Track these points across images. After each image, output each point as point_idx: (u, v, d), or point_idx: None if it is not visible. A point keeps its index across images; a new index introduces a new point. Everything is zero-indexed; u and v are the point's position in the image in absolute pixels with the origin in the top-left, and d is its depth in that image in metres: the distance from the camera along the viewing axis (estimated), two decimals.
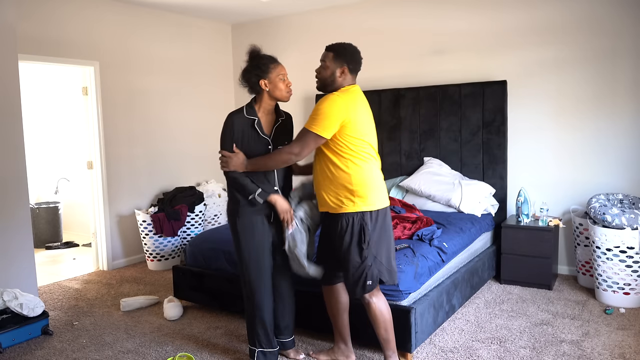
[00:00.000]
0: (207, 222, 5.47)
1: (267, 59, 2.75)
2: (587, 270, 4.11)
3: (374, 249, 2.58)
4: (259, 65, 2.72)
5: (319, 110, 2.51)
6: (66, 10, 4.66)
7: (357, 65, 2.65)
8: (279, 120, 2.84)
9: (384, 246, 2.62)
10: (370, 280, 2.59)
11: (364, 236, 2.56)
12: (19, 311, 3.33)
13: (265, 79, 2.70)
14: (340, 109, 2.49)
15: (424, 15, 4.94)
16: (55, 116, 6.61)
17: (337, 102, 2.50)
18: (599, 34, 4.19)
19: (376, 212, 2.59)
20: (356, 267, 2.59)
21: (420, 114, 4.88)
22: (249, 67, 2.75)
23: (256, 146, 2.74)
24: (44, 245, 6.09)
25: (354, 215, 2.57)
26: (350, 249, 2.59)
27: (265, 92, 2.73)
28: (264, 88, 2.71)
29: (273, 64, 2.74)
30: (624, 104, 4.16)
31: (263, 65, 2.72)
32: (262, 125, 2.76)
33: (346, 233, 2.58)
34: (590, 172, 4.33)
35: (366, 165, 2.59)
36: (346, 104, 2.51)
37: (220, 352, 3.15)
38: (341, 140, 2.54)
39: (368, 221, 2.57)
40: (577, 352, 3.00)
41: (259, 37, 6.09)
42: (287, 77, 2.75)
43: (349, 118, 2.50)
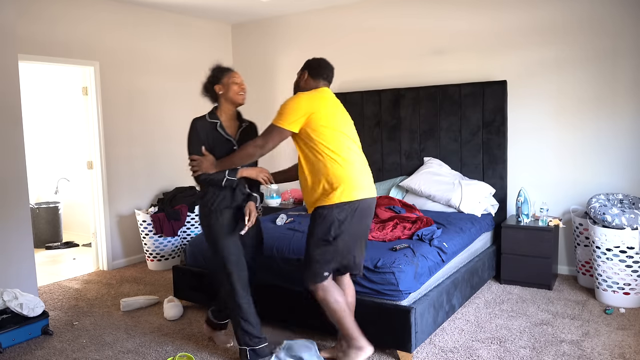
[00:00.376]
0: None
1: (222, 69, 2.97)
2: (587, 270, 4.12)
3: (339, 241, 2.65)
4: (214, 74, 2.95)
5: (283, 106, 2.69)
6: (66, 10, 4.66)
7: (317, 69, 2.82)
8: (242, 125, 3.01)
9: (352, 238, 2.69)
10: (327, 271, 2.69)
11: (331, 228, 2.64)
12: (19, 311, 3.33)
13: (219, 83, 2.91)
14: (303, 103, 2.65)
15: (424, 15, 4.95)
16: (55, 116, 6.61)
17: (301, 97, 2.68)
18: (600, 34, 4.19)
19: (353, 203, 2.64)
20: (316, 257, 2.68)
21: (420, 114, 4.89)
22: (206, 79, 2.98)
23: (222, 148, 2.88)
24: (44, 245, 6.09)
25: (329, 207, 2.64)
26: (314, 239, 2.68)
27: (221, 95, 2.92)
28: (219, 92, 2.92)
29: (226, 71, 2.95)
30: (624, 104, 4.16)
31: (216, 73, 2.95)
32: (224, 127, 2.91)
33: (316, 224, 2.68)
34: (590, 172, 4.33)
35: (341, 158, 2.66)
36: (310, 99, 2.67)
37: (220, 352, 3.15)
38: (313, 134, 2.65)
39: (339, 213, 2.63)
40: (577, 352, 3.01)
41: (258, 37, 6.09)
42: (240, 81, 2.94)
43: (315, 110, 2.64)
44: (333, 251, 2.67)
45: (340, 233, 2.65)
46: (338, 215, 2.64)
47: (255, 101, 6.24)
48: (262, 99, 6.08)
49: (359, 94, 5.20)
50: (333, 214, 2.64)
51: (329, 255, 2.68)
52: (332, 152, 2.65)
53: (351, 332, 2.77)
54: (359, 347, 2.78)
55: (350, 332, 2.77)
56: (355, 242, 2.75)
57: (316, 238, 2.69)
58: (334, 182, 2.64)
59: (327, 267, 2.70)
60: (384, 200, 4.34)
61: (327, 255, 2.68)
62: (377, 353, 3.05)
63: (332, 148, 2.65)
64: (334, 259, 2.70)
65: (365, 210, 2.72)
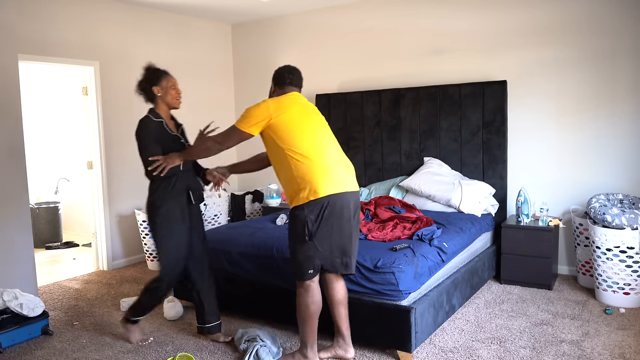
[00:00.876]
0: (207, 222, 5.47)
1: (159, 71, 3.12)
2: (587, 270, 4.12)
3: (316, 240, 2.70)
4: (151, 75, 3.10)
5: (247, 109, 2.82)
6: (66, 10, 4.66)
7: (279, 78, 2.96)
8: (180, 124, 3.25)
9: (330, 236, 2.73)
10: (311, 269, 2.74)
11: (306, 227, 2.70)
12: (19, 311, 3.33)
13: (157, 85, 3.07)
14: (263, 109, 2.76)
15: (424, 15, 4.95)
16: (55, 116, 6.61)
17: (263, 103, 2.79)
18: (599, 34, 4.19)
19: (322, 200, 2.68)
20: (298, 256, 2.76)
21: (420, 114, 4.89)
22: (143, 78, 3.12)
23: (171, 146, 3.06)
24: (44, 245, 6.09)
25: (300, 207, 2.72)
26: (294, 237, 2.77)
27: (158, 97, 3.09)
28: (157, 94, 3.08)
29: (164, 75, 3.12)
30: (624, 104, 4.16)
31: (155, 75, 3.10)
32: (169, 126, 3.10)
33: (293, 224, 2.77)
34: (590, 172, 4.33)
35: (306, 158, 2.72)
36: (272, 105, 2.77)
37: (220, 352, 3.15)
38: (277, 138, 2.75)
39: (311, 212, 2.69)
40: (577, 352, 3.01)
41: (258, 37, 6.09)
42: (177, 86, 3.14)
43: (276, 115, 2.74)
44: (313, 249, 2.72)
45: (315, 231, 2.70)
46: (309, 214, 2.69)
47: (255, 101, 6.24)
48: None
49: (359, 94, 5.20)
50: (304, 214, 2.70)
51: (310, 252, 2.73)
52: (296, 154, 2.72)
53: (306, 338, 2.85)
54: (305, 355, 2.86)
55: (305, 337, 2.85)
56: (338, 239, 2.75)
57: (294, 238, 2.78)
58: (300, 183, 2.71)
59: (310, 265, 2.75)
60: (384, 200, 4.35)
61: (308, 252, 2.73)
62: (377, 353, 3.05)
63: (295, 149, 2.72)
64: (316, 257, 2.74)
65: (338, 205, 2.72)
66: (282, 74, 2.97)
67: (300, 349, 2.89)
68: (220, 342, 3.26)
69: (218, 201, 5.54)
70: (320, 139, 2.81)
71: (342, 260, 2.80)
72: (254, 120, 2.77)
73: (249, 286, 3.51)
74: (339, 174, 2.77)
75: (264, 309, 3.48)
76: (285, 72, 2.97)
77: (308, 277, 2.76)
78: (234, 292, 3.59)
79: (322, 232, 2.71)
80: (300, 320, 2.84)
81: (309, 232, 2.70)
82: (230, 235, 3.74)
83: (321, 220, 2.70)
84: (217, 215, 5.54)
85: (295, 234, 2.76)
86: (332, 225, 2.72)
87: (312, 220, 2.69)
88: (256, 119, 2.76)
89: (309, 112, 2.88)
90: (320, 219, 2.70)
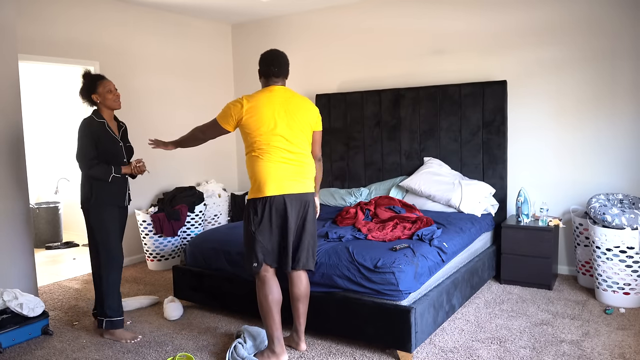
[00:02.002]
0: (207, 222, 5.48)
1: (94, 78, 3.34)
2: (587, 270, 4.12)
3: (259, 234, 2.83)
4: (87, 84, 3.32)
5: (226, 105, 2.91)
6: (66, 10, 4.66)
7: (264, 68, 2.93)
8: (122, 125, 3.47)
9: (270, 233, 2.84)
10: (255, 262, 2.85)
11: (251, 220, 2.84)
12: (19, 311, 3.33)
13: (95, 93, 3.30)
14: (238, 109, 2.83)
15: (424, 15, 4.95)
16: (55, 116, 6.61)
17: (237, 103, 2.85)
18: (598, 35, 4.19)
19: (265, 199, 2.81)
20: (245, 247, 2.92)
21: (420, 114, 4.89)
22: (81, 87, 3.34)
23: (110, 146, 3.31)
24: (44, 245, 6.10)
25: (250, 201, 2.88)
26: (244, 230, 2.91)
27: (99, 103, 3.32)
28: (96, 100, 3.31)
29: (99, 80, 3.33)
30: (624, 104, 4.16)
31: (91, 83, 3.32)
32: (111, 127, 3.34)
33: (245, 216, 2.92)
34: (590, 172, 4.33)
35: (261, 157, 2.82)
36: (244, 106, 2.82)
37: (220, 352, 3.15)
38: (243, 134, 2.89)
39: (256, 207, 2.83)
40: (577, 352, 3.01)
41: (258, 37, 6.09)
42: (114, 88, 3.34)
43: (245, 117, 2.81)
44: (256, 243, 2.84)
45: (257, 226, 2.83)
46: (253, 210, 2.84)
47: None
48: None
49: (359, 94, 5.20)
50: (249, 208, 2.87)
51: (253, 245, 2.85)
52: (255, 150, 2.84)
53: (270, 332, 2.90)
54: (273, 351, 2.90)
55: (269, 331, 2.90)
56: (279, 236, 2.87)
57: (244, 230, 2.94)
58: (252, 177, 2.86)
59: (253, 258, 2.85)
60: (384, 200, 4.35)
61: (252, 245, 2.85)
62: (377, 353, 3.06)
63: (255, 147, 2.84)
64: (259, 251, 2.84)
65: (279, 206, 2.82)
66: (268, 64, 2.92)
67: (269, 345, 2.94)
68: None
69: (218, 201, 5.54)
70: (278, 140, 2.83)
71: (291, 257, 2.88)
72: (227, 115, 2.87)
73: (248, 286, 3.51)
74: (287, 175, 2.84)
75: None
76: (271, 61, 2.92)
77: (253, 270, 2.87)
78: (234, 292, 3.59)
79: (264, 228, 2.83)
80: (262, 314, 2.91)
81: (253, 226, 2.83)
82: (230, 235, 3.74)
83: (262, 218, 2.82)
84: (217, 215, 5.54)
85: (244, 226, 2.92)
86: (272, 224, 2.83)
87: (257, 216, 2.82)
88: (231, 118, 2.86)
89: (282, 111, 2.85)
90: (261, 217, 2.82)
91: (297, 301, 2.99)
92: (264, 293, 2.87)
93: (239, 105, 2.84)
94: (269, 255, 2.87)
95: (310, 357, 3.02)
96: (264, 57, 2.95)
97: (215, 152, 6.02)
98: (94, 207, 3.29)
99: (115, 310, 3.34)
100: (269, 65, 2.92)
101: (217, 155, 6.07)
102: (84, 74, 3.37)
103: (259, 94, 2.89)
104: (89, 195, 3.29)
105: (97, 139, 3.26)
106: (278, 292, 2.89)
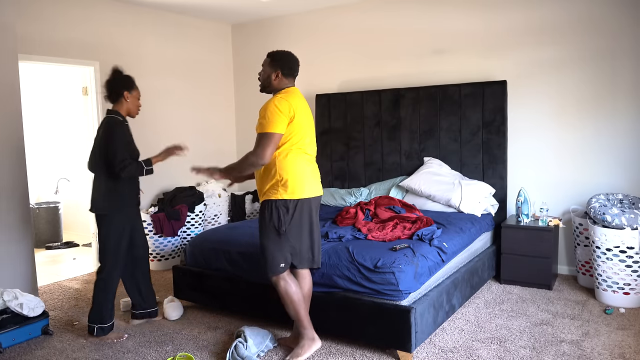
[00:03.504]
0: (207, 222, 5.48)
1: (131, 79, 3.36)
2: (587, 270, 4.12)
3: (290, 235, 2.82)
4: (127, 79, 3.33)
5: (265, 114, 2.76)
6: (66, 10, 4.66)
7: (290, 70, 2.91)
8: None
9: (301, 233, 2.86)
10: (282, 263, 2.84)
11: (280, 222, 2.80)
12: (19, 311, 3.33)
13: (130, 93, 3.32)
14: (284, 107, 2.75)
15: (424, 15, 4.95)
16: (55, 116, 6.61)
17: (281, 102, 2.77)
18: (598, 35, 4.19)
19: (296, 201, 2.81)
20: (270, 249, 2.84)
21: (420, 114, 4.89)
22: (119, 80, 3.32)
23: (135, 146, 3.38)
24: (44, 245, 6.10)
25: (275, 202, 2.81)
26: (267, 233, 2.85)
27: (125, 103, 3.31)
28: (125, 99, 3.30)
29: (135, 85, 3.37)
30: (624, 104, 4.16)
31: (130, 81, 3.34)
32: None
33: (265, 218, 2.85)
34: (590, 172, 4.33)
35: (295, 157, 2.81)
36: (290, 104, 2.77)
37: (220, 352, 3.15)
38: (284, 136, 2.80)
39: (287, 208, 2.80)
40: (577, 352, 3.01)
41: (259, 37, 6.09)
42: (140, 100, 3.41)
43: (295, 116, 2.77)
44: (285, 243, 2.84)
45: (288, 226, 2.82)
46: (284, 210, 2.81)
47: (254, 101, 6.25)
48: (261, 100, 6.09)
49: (359, 94, 5.20)
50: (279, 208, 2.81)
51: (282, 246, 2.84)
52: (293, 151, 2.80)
53: (306, 323, 2.94)
54: (312, 337, 2.95)
55: (305, 322, 2.93)
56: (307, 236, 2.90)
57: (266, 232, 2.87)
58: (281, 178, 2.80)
59: (282, 259, 2.85)
60: (384, 200, 4.35)
61: (280, 246, 2.84)
62: (377, 353, 3.06)
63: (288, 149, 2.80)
64: (287, 251, 2.85)
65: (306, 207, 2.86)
66: (293, 66, 2.92)
67: (306, 334, 2.96)
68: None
69: (218, 201, 5.54)
70: (312, 142, 2.94)
71: (309, 255, 2.93)
72: (284, 118, 2.75)
73: (249, 286, 3.51)
74: (315, 177, 2.92)
75: (264, 309, 3.48)
76: (295, 64, 2.94)
77: (279, 270, 2.85)
78: (234, 292, 3.59)
79: (294, 229, 2.83)
80: (293, 309, 2.91)
81: (284, 226, 2.81)
82: (230, 235, 3.74)
83: (292, 218, 2.81)
84: (217, 215, 5.54)
85: (268, 227, 2.85)
86: (302, 224, 2.85)
87: (288, 216, 2.81)
88: (285, 117, 2.75)
89: (308, 112, 2.94)
90: (292, 217, 2.81)
91: (307, 298, 3.04)
92: (293, 289, 2.89)
93: (286, 103, 2.76)
94: (296, 255, 2.89)
95: (311, 357, 3.02)
96: (288, 57, 2.92)
97: (215, 152, 6.02)
98: (113, 212, 3.29)
99: (111, 317, 3.38)
100: (293, 66, 2.92)
101: (217, 155, 6.07)
102: (120, 70, 3.37)
103: (291, 95, 2.84)
104: (105, 199, 3.27)
105: (128, 140, 3.31)
106: (298, 284, 2.96)
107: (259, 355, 3.03)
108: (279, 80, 2.90)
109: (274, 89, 2.92)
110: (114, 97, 3.32)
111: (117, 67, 3.40)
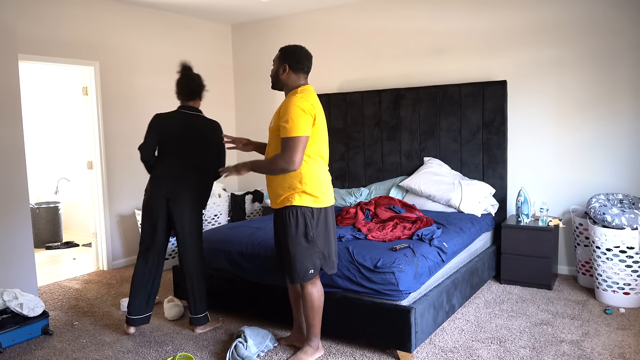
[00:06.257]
0: (207, 222, 5.47)
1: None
2: (587, 270, 4.12)
3: (318, 241, 2.78)
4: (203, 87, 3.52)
5: (289, 116, 2.61)
6: (66, 10, 4.66)
7: (299, 64, 2.77)
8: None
9: (326, 239, 2.82)
10: (312, 269, 2.79)
11: (308, 228, 2.74)
12: (19, 311, 3.33)
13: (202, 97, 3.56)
14: (306, 106, 2.64)
15: (424, 15, 4.95)
16: (55, 116, 6.61)
17: (302, 102, 2.64)
18: (598, 35, 4.19)
19: (320, 208, 2.77)
20: (298, 257, 2.76)
21: (420, 114, 4.89)
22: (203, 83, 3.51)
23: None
24: (44, 245, 6.10)
25: (301, 208, 2.72)
26: (295, 240, 2.75)
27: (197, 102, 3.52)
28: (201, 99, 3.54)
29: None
30: (624, 104, 4.16)
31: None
32: None
33: (291, 225, 2.74)
34: (590, 172, 4.33)
35: (316, 164, 2.75)
36: (311, 104, 2.67)
37: (220, 352, 3.15)
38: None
39: (312, 214, 2.75)
40: (577, 352, 3.01)
41: (258, 37, 6.09)
42: None
43: (315, 116, 2.67)
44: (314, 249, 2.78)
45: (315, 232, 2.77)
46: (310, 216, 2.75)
47: (254, 101, 6.24)
48: (261, 100, 6.09)
49: (359, 94, 5.20)
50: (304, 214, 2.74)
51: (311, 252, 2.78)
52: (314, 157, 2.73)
53: (318, 330, 2.93)
54: (318, 347, 2.97)
55: (317, 330, 2.94)
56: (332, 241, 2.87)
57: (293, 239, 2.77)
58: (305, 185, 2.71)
59: (311, 265, 2.79)
60: (384, 200, 4.35)
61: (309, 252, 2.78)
62: (377, 353, 3.06)
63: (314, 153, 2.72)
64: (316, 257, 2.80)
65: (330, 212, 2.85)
66: (303, 60, 2.78)
67: (312, 342, 2.95)
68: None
69: (218, 201, 5.53)
70: (327, 146, 2.85)
71: (331, 260, 2.89)
72: (309, 118, 2.64)
73: (249, 286, 3.51)
74: (330, 184, 2.88)
75: (264, 309, 3.48)
76: (305, 58, 2.79)
77: (308, 276, 2.80)
78: (234, 292, 3.59)
79: (320, 235, 2.79)
80: (314, 314, 2.88)
81: (313, 232, 2.75)
82: (230, 235, 3.74)
83: (317, 225, 2.77)
84: (217, 215, 5.54)
85: (296, 234, 2.75)
86: (328, 230, 2.82)
87: (314, 222, 2.75)
88: (310, 117, 2.64)
89: (323, 114, 2.81)
90: (317, 223, 2.76)
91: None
92: (319, 294, 2.88)
93: (307, 103, 2.63)
94: (326, 261, 2.85)
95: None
96: (296, 51, 2.79)
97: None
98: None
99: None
100: (302, 60, 2.77)
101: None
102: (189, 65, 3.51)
103: (311, 95, 2.71)
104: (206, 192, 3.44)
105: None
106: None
107: (259, 355, 3.03)
108: (287, 75, 2.77)
109: (284, 85, 2.80)
110: (194, 95, 3.43)
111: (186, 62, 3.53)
